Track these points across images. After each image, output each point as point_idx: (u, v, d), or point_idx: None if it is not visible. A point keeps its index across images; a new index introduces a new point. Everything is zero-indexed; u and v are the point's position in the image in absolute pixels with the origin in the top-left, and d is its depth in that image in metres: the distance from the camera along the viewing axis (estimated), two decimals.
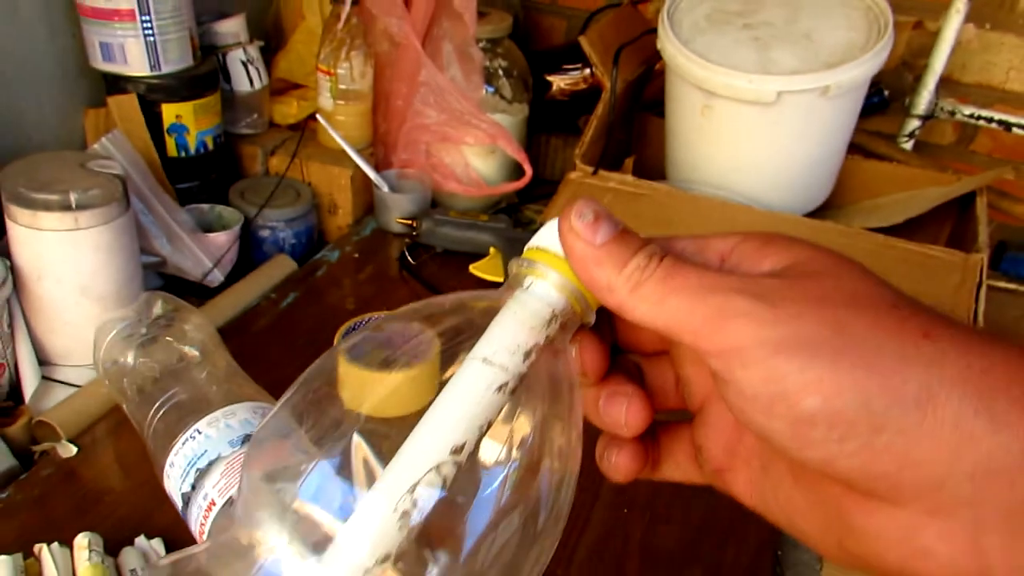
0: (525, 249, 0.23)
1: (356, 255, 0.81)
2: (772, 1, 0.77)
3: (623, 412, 0.24)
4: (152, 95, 0.72)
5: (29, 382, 0.59)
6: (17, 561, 0.42)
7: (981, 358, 0.18)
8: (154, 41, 0.70)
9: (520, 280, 0.23)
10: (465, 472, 0.20)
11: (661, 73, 0.95)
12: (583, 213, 0.21)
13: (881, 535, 0.19)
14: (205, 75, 0.75)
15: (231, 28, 0.82)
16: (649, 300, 0.21)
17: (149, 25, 0.69)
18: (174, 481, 0.47)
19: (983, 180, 0.79)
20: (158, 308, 0.57)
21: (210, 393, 0.53)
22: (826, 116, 0.74)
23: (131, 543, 0.47)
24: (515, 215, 0.90)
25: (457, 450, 0.20)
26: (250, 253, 0.79)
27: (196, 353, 0.56)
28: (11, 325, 0.59)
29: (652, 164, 0.91)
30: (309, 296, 0.74)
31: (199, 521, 0.44)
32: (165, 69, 0.72)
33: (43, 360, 0.62)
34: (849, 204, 0.87)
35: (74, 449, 0.54)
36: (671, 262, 0.21)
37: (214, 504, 0.43)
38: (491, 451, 0.21)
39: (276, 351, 0.66)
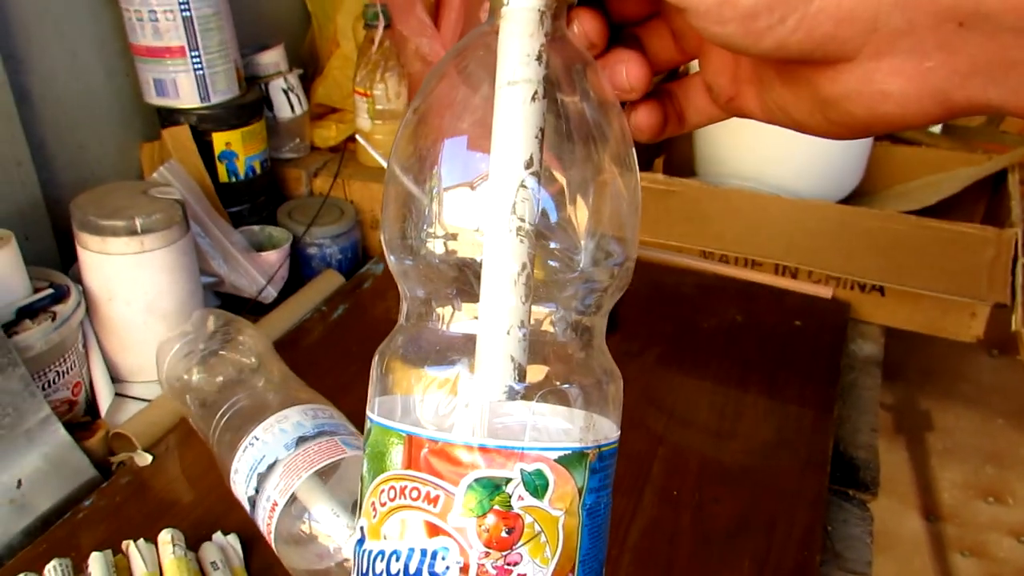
0: None
1: None
2: None
3: (624, 74, 0.26)
4: (203, 125, 0.77)
5: (104, 398, 0.63)
6: (108, 557, 0.45)
7: None
8: (203, 75, 0.75)
9: (499, 1, 0.24)
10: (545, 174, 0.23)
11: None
12: None
13: (847, 94, 0.22)
14: (251, 104, 0.80)
15: (272, 59, 0.87)
16: None
17: (198, 60, 0.74)
18: (240, 486, 0.50)
19: (1014, 158, 0.79)
20: (211, 324, 0.61)
21: (268, 399, 0.56)
22: None
23: (209, 539, 0.50)
24: None
25: (529, 164, 0.22)
26: (300, 270, 0.82)
27: (252, 361, 0.59)
28: (85, 346, 0.63)
29: (681, 162, 0.93)
30: (357, 308, 0.77)
31: (265, 521, 0.47)
32: (214, 100, 0.76)
33: (115, 377, 0.65)
34: (881, 190, 0.87)
35: (149, 458, 0.58)
36: None
37: (276, 505, 0.46)
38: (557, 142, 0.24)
39: (328, 361, 0.69)
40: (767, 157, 0.80)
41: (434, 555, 0.22)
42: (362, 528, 0.24)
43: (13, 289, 0.58)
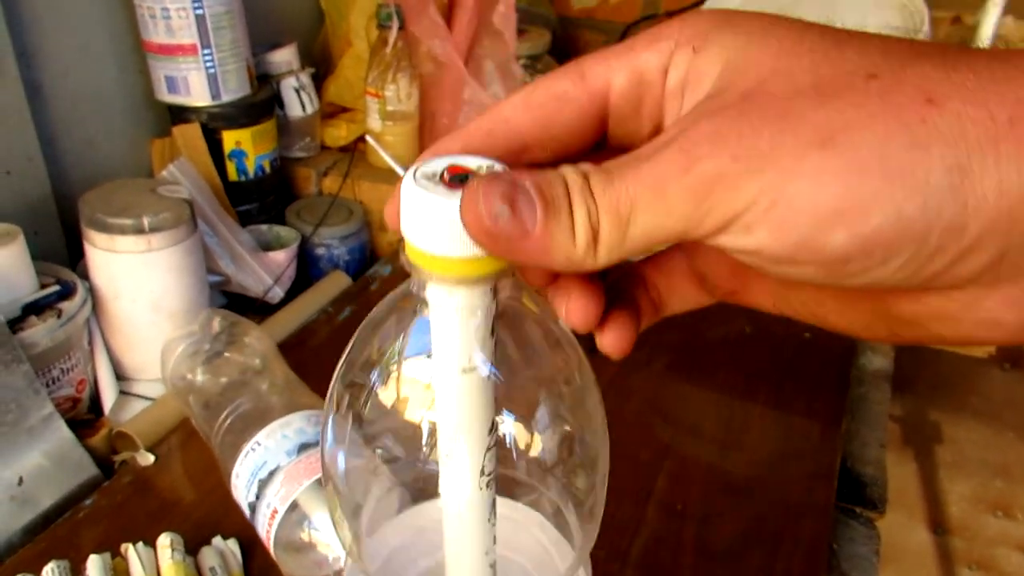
0: (407, 247, 0.20)
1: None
2: (806, 3, 0.78)
3: (564, 312, 0.22)
4: (213, 123, 0.77)
5: (108, 396, 0.63)
6: (106, 560, 0.45)
7: (1002, 104, 0.15)
8: (215, 73, 0.74)
9: (423, 285, 0.20)
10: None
11: None
12: (495, 211, 0.17)
13: (938, 317, 0.18)
14: (262, 102, 0.80)
15: (284, 57, 0.86)
16: (615, 242, 0.18)
17: (210, 58, 0.73)
18: (240, 491, 0.49)
19: None
20: (217, 324, 0.60)
21: (271, 403, 0.56)
22: None
23: (208, 543, 0.49)
24: None
25: (491, 428, 0.21)
26: (307, 270, 0.82)
27: (257, 363, 0.59)
28: (91, 343, 0.63)
29: None
30: (364, 309, 0.76)
31: (265, 528, 0.47)
32: (225, 98, 0.76)
33: (120, 375, 0.65)
34: None
35: (152, 458, 0.57)
36: (602, 182, 0.17)
37: (276, 512, 0.46)
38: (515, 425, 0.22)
39: (334, 363, 0.69)
40: None
41: None
42: None
43: (20, 285, 0.58)
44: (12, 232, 0.58)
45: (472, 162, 0.19)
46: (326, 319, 0.75)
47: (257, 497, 0.46)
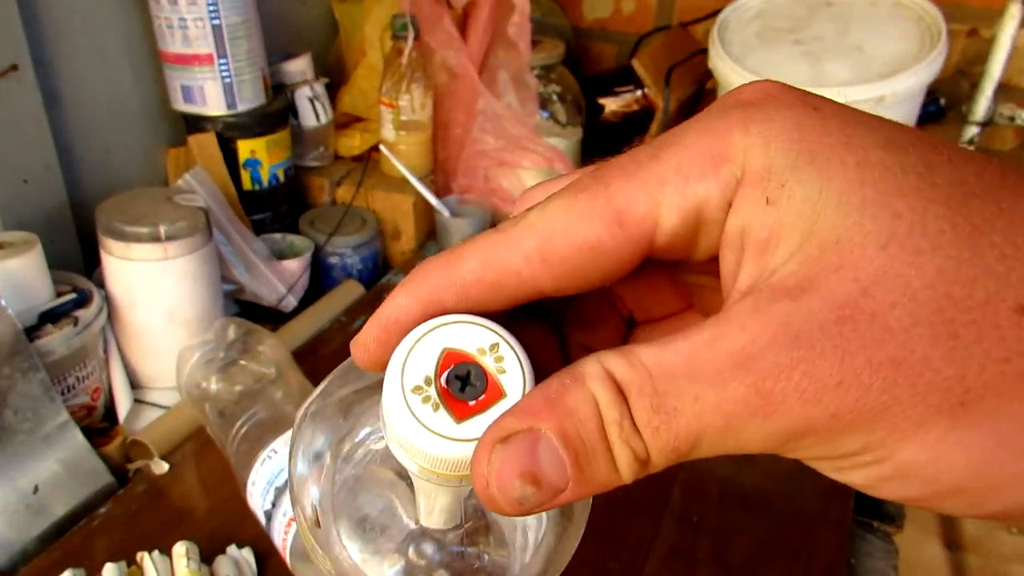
0: (399, 445, 0.17)
1: None
2: (822, 16, 0.78)
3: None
4: (229, 132, 0.77)
5: (123, 404, 0.63)
6: (122, 568, 0.45)
7: None
8: (230, 83, 0.75)
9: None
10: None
11: (712, 92, 0.96)
12: (517, 496, 0.15)
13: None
14: (277, 112, 0.80)
15: (298, 67, 0.87)
16: (670, 462, 0.15)
17: (226, 68, 0.74)
18: (256, 499, 0.49)
19: None
20: (232, 333, 0.60)
21: (286, 411, 0.56)
22: None
23: (223, 552, 0.49)
24: None
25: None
26: (320, 279, 0.82)
27: (271, 371, 0.59)
28: (106, 351, 0.63)
29: None
30: None
31: (281, 536, 0.47)
32: (240, 108, 0.76)
33: (135, 383, 0.65)
34: None
35: (166, 466, 0.57)
36: (648, 413, 0.14)
37: (293, 521, 0.46)
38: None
39: None
40: None
41: None
42: None
43: (36, 293, 0.58)
44: (30, 240, 0.58)
45: (471, 340, 0.17)
46: (339, 328, 0.75)
47: (273, 505, 0.46)
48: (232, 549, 0.49)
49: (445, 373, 0.16)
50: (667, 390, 0.14)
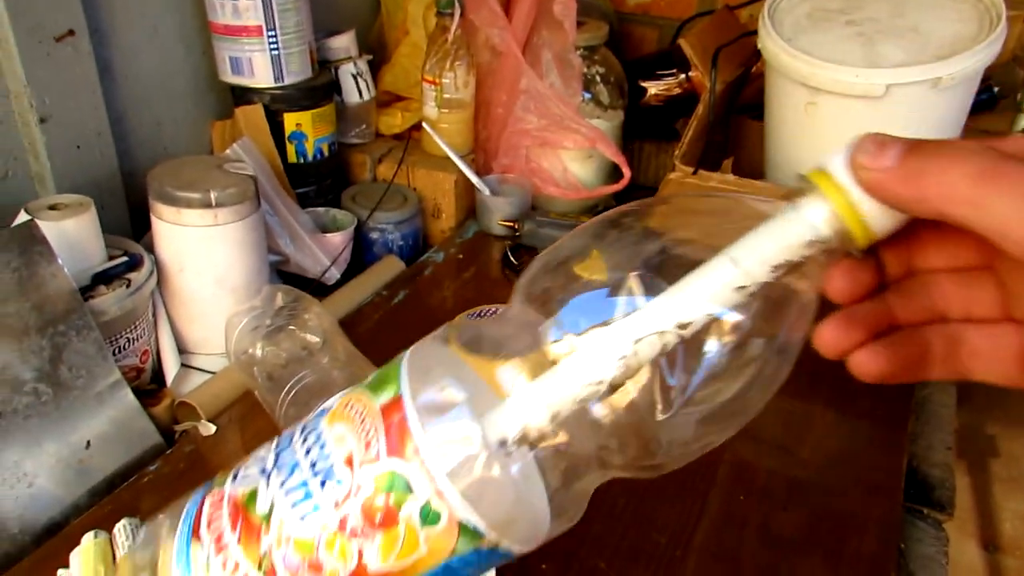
0: (811, 169, 0.23)
1: (460, 256, 0.84)
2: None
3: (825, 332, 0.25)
4: (275, 105, 0.77)
5: (170, 367, 0.64)
6: None
7: None
8: (278, 55, 0.75)
9: (795, 196, 0.23)
10: (686, 345, 0.23)
11: (758, 76, 0.95)
12: (865, 148, 0.22)
13: None
14: (322, 86, 0.80)
15: (342, 44, 0.87)
16: (966, 199, 0.20)
17: (275, 40, 0.74)
18: None
19: None
20: (279, 300, 0.61)
21: (333, 376, 0.56)
22: (937, 109, 0.73)
23: None
24: None
25: (682, 326, 0.22)
26: (361, 254, 0.82)
27: (318, 340, 0.59)
28: (155, 315, 0.64)
29: (749, 167, 0.90)
30: (417, 294, 0.77)
31: None
32: (287, 80, 0.77)
33: (181, 349, 0.66)
34: None
35: (213, 428, 0.58)
36: (989, 159, 0.20)
37: None
38: (713, 338, 0.23)
39: (391, 343, 0.69)
40: None
41: (330, 470, 0.24)
42: (324, 408, 0.27)
43: (90, 255, 0.59)
44: (84, 203, 0.59)
45: None
46: (381, 302, 0.75)
47: None
48: None
49: None
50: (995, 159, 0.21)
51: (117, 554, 0.43)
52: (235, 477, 0.28)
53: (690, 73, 0.96)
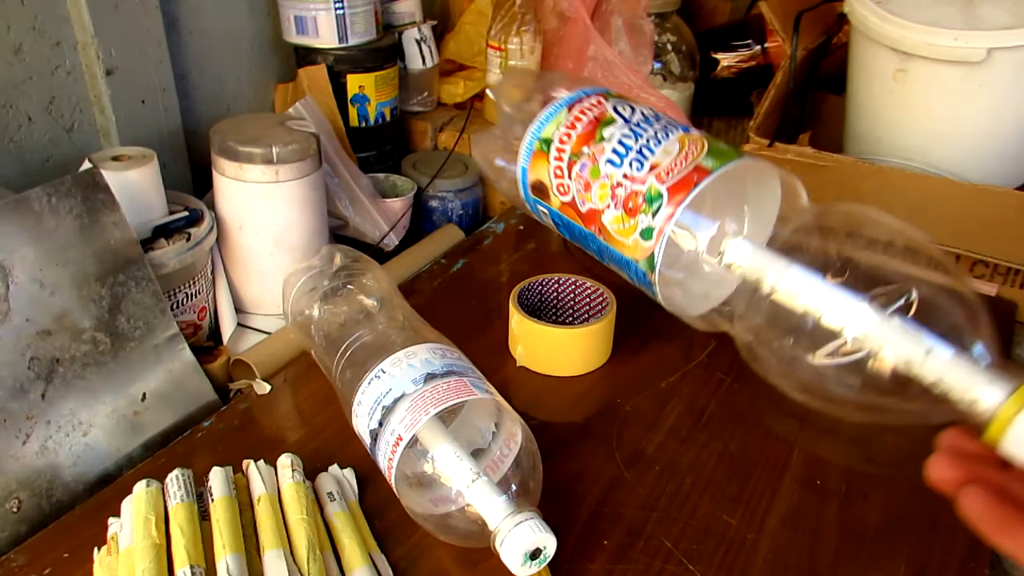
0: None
1: (520, 227, 0.82)
2: None
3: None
4: (339, 66, 0.76)
5: (227, 325, 0.63)
6: (228, 473, 0.44)
7: None
8: (343, 15, 0.74)
9: (1010, 374, 0.29)
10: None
11: (838, 48, 0.90)
12: None
13: None
14: (387, 48, 0.78)
15: (408, 8, 0.85)
16: None
17: (340, 0, 0.73)
18: (362, 419, 0.48)
19: None
20: (338, 260, 0.59)
21: (392, 337, 0.54)
22: None
23: (324, 471, 0.48)
24: None
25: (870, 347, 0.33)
26: (420, 222, 0.81)
27: (375, 302, 0.57)
28: (213, 272, 0.63)
29: (826, 143, 0.86)
30: (477, 263, 0.75)
31: (387, 456, 0.45)
32: (352, 41, 0.75)
33: (237, 308, 0.65)
34: None
35: (268, 387, 0.57)
36: None
37: (400, 440, 0.44)
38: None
39: (448, 311, 0.67)
40: (937, 135, 0.72)
41: (642, 163, 0.44)
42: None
43: (151, 207, 0.58)
44: (147, 155, 0.58)
45: None
46: (440, 269, 0.73)
47: (380, 424, 0.44)
48: (334, 468, 0.48)
49: None
50: None
51: (168, 504, 0.42)
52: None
53: (766, 44, 0.91)
